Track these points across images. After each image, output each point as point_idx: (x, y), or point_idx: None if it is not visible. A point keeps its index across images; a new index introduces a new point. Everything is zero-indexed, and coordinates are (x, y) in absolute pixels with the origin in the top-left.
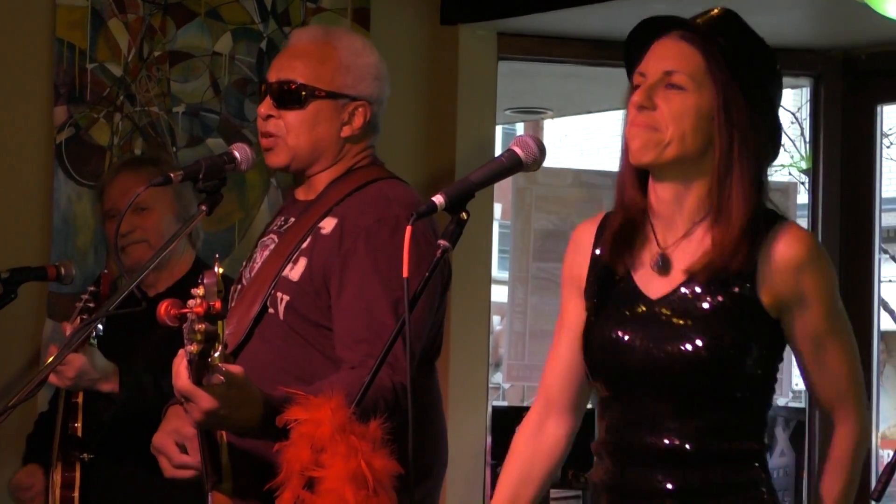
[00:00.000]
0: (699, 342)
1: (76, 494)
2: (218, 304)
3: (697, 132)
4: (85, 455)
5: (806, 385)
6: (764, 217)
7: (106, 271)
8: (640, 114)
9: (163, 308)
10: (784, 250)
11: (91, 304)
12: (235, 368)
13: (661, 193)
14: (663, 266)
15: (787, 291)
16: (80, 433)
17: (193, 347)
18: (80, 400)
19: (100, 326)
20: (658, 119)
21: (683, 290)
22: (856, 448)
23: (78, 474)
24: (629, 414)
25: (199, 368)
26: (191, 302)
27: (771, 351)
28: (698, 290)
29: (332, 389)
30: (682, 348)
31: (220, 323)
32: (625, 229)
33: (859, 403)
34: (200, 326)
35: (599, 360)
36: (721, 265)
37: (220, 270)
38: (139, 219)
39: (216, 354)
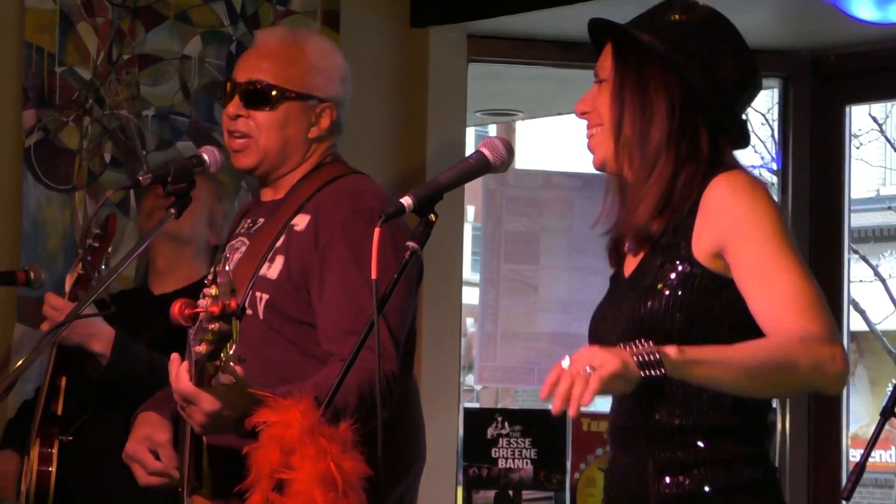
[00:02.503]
0: (630, 308)
1: (53, 469)
2: (233, 303)
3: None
4: (63, 437)
5: (763, 329)
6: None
7: (113, 214)
8: (586, 119)
9: (177, 308)
10: (709, 195)
11: (96, 245)
12: (242, 368)
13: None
14: (633, 247)
15: (718, 231)
16: (59, 411)
17: (202, 348)
18: (62, 383)
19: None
20: (595, 117)
21: (642, 264)
22: (806, 338)
23: (55, 450)
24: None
25: (204, 370)
26: (203, 301)
27: (716, 317)
28: (650, 261)
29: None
30: (621, 316)
31: (234, 322)
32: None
33: (822, 320)
34: (213, 326)
35: (588, 340)
36: (629, 229)
37: (230, 269)
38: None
39: (230, 353)
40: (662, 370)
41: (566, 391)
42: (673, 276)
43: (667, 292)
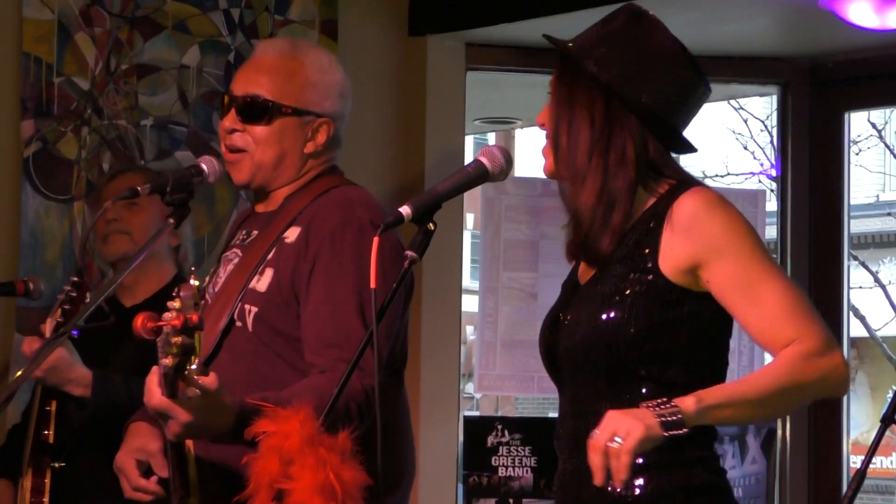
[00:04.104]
0: (590, 315)
1: (46, 500)
2: (195, 317)
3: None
4: (56, 463)
5: (757, 342)
6: (671, 192)
7: (89, 261)
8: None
9: (139, 321)
10: (679, 211)
11: (74, 295)
12: (209, 379)
13: None
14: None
15: (693, 248)
16: (51, 440)
17: (168, 360)
18: (52, 408)
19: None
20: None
21: (600, 271)
22: (808, 355)
23: (48, 481)
24: (561, 398)
25: (174, 382)
26: (167, 315)
27: (676, 326)
28: (610, 269)
29: (303, 395)
30: (580, 323)
31: (196, 335)
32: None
33: (816, 326)
34: (177, 339)
35: (539, 348)
36: (576, 244)
37: (197, 283)
38: (127, 212)
39: (192, 367)
40: (685, 429)
41: (602, 465)
42: (636, 286)
43: (628, 301)
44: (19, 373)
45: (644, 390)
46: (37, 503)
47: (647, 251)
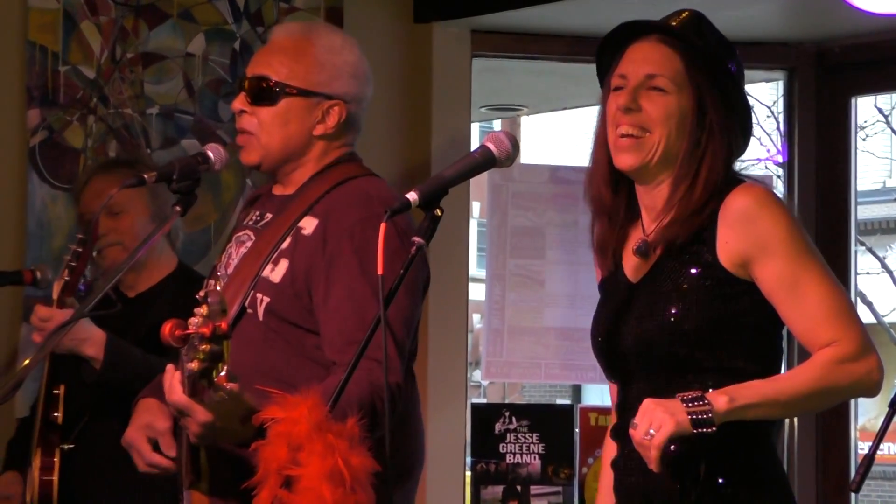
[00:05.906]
0: (655, 313)
1: (55, 478)
2: (224, 325)
3: (681, 133)
4: (65, 445)
5: (798, 339)
6: (723, 188)
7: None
8: (627, 115)
9: (167, 329)
10: (732, 205)
11: (80, 250)
12: (235, 386)
13: (645, 190)
14: (644, 251)
15: (744, 244)
16: (59, 421)
17: (195, 365)
18: (61, 392)
19: (81, 288)
20: (645, 120)
21: (657, 268)
22: (842, 359)
23: (57, 459)
24: (623, 394)
25: (196, 384)
26: (193, 320)
27: (740, 320)
28: (667, 266)
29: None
30: (642, 321)
31: (225, 343)
32: (608, 230)
33: (855, 330)
34: (205, 347)
35: (595, 349)
36: (670, 236)
37: (220, 288)
38: (113, 222)
39: (222, 374)
40: (713, 427)
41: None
42: (697, 280)
43: (692, 296)
44: (27, 361)
45: (710, 381)
46: (46, 481)
47: (704, 246)
